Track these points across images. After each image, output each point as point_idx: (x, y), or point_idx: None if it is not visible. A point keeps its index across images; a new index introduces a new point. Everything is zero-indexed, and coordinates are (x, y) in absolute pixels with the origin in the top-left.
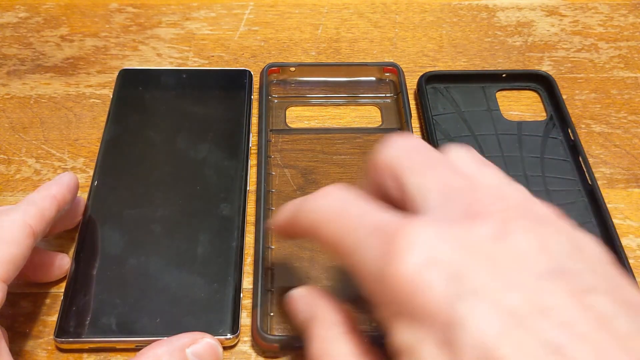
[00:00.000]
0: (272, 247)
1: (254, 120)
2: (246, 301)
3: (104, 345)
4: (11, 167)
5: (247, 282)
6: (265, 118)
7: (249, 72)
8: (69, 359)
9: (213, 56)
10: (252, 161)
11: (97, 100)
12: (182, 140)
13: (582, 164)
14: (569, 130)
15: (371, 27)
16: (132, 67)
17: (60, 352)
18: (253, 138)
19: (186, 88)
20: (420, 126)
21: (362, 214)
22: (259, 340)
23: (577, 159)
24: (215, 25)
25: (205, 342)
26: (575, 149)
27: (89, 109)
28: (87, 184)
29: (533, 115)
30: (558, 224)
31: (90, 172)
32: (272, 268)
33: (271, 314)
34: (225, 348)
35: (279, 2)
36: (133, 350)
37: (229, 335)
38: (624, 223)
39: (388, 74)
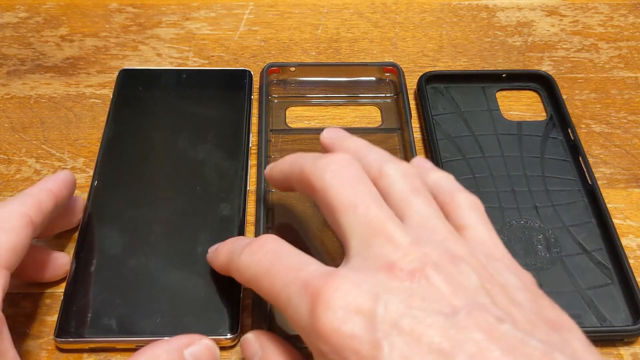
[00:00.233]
0: None
1: (254, 120)
2: (246, 301)
3: (104, 345)
4: (11, 167)
5: None
6: (265, 118)
7: (249, 72)
8: (69, 359)
9: (213, 56)
10: (252, 161)
11: (97, 100)
12: (182, 140)
13: (582, 164)
14: (569, 130)
15: (371, 27)
16: (132, 67)
17: (60, 352)
18: (253, 138)
19: (186, 88)
20: (420, 126)
21: (292, 269)
22: None
23: (577, 159)
24: (215, 25)
25: (203, 343)
26: (575, 149)
27: (89, 109)
28: (87, 184)
29: (533, 115)
30: (472, 261)
31: (90, 172)
32: None
33: (271, 314)
34: (225, 348)
35: (279, 2)
36: (133, 350)
37: (229, 335)
38: (624, 223)
39: (388, 74)
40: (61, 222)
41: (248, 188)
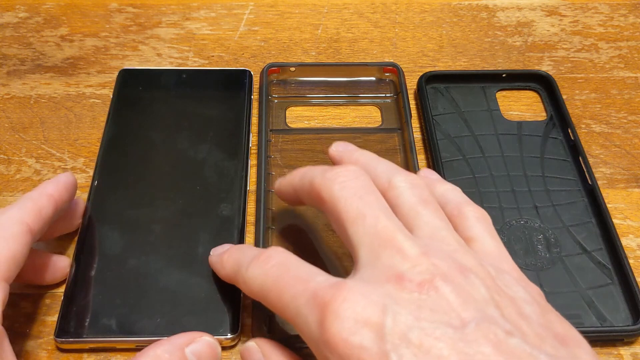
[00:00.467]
0: None
1: (254, 120)
2: (246, 301)
3: (104, 345)
4: (11, 167)
5: None
6: (265, 118)
7: (249, 72)
8: (69, 359)
9: (213, 56)
10: (252, 161)
11: (97, 100)
12: (182, 140)
13: (582, 164)
14: (569, 130)
15: (371, 27)
16: (132, 67)
17: (61, 352)
18: (253, 138)
19: (186, 88)
20: (420, 126)
21: (300, 280)
22: None
23: (577, 159)
24: (215, 25)
25: (204, 340)
26: (575, 149)
27: (89, 109)
28: (87, 184)
29: (533, 115)
30: (481, 273)
31: (90, 172)
32: None
33: (271, 314)
34: (225, 348)
35: (279, 2)
36: (133, 350)
37: (229, 335)
38: (624, 223)
39: (388, 74)
40: (61, 225)
41: (248, 188)
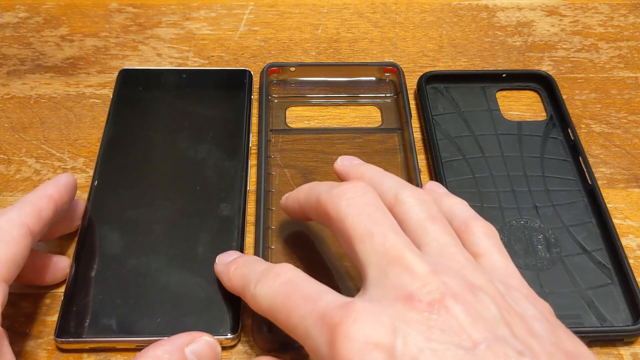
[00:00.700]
0: (272, 248)
1: (254, 120)
2: None
3: (104, 345)
4: (11, 167)
5: None
6: (265, 118)
7: (249, 72)
8: (69, 359)
9: (213, 56)
10: (252, 161)
11: (97, 100)
12: (182, 140)
13: (582, 164)
14: (569, 130)
15: (371, 27)
16: (132, 67)
17: (61, 352)
18: (253, 138)
19: (186, 88)
20: (420, 126)
21: (309, 300)
22: (258, 340)
23: (577, 159)
24: (215, 25)
25: (203, 340)
26: (575, 149)
27: (89, 109)
28: (87, 184)
29: (533, 115)
30: (490, 290)
31: (90, 172)
32: None
33: None
34: (225, 348)
35: (279, 2)
36: (133, 350)
37: (229, 335)
38: (624, 223)
39: (388, 74)
40: (61, 225)
41: (248, 188)
